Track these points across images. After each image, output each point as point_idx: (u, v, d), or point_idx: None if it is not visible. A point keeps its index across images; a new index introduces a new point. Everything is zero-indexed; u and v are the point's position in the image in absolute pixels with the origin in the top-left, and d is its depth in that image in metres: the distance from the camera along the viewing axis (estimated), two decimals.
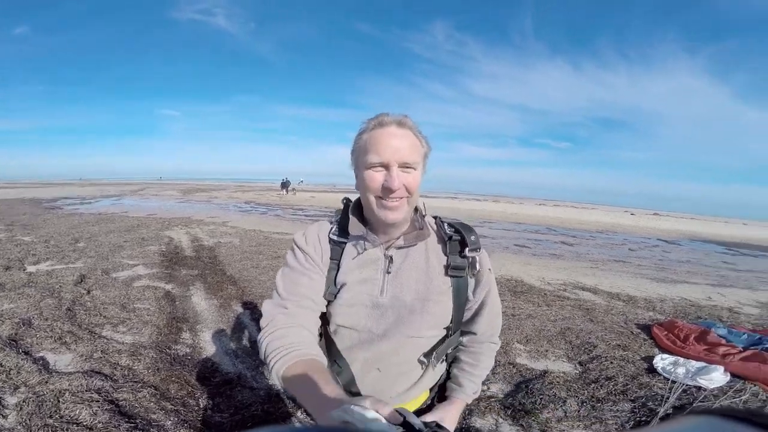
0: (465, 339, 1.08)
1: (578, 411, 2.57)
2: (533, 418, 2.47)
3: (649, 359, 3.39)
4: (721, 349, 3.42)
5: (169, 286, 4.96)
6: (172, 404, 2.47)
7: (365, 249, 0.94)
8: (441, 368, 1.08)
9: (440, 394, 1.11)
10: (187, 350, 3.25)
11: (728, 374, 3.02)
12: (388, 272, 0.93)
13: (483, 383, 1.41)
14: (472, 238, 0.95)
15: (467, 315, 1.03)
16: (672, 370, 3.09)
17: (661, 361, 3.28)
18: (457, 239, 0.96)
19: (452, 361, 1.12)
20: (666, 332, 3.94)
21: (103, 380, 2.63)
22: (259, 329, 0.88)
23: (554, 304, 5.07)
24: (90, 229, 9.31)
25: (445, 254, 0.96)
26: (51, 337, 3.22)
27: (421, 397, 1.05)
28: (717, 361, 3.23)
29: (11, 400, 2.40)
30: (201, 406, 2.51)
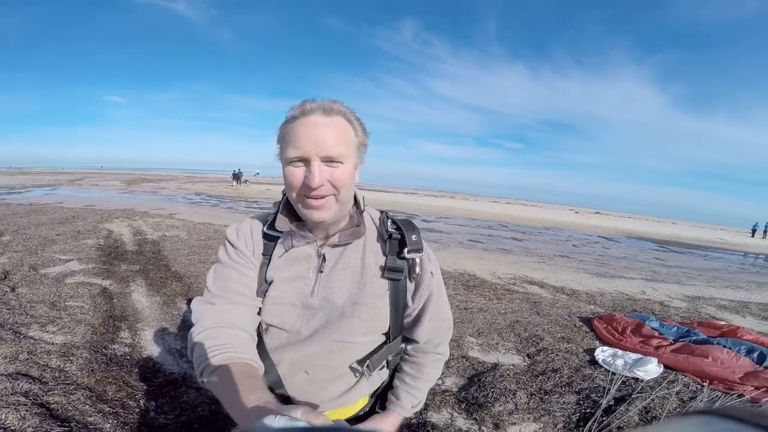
0: (409, 347, 1.01)
1: (528, 403, 2.65)
2: (486, 411, 2.52)
3: (590, 351, 3.57)
4: (655, 342, 3.67)
5: (106, 283, 4.62)
6: (110, 406, 2.30)
7: (293, 246, 0.87)
8: (382, 374, 1.01)
9: (383, 401, 1.05)
10: (126, 350, 3.03)
11: (662, 366, 3.23)
12: (321, 271, 0.87)
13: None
14: (413, 237, 0.88)
15: (407, 321, 0.96)
16: (612, 362, 3.28)
17: (602, 353, 3.46)
18: (397, 238, 0.88)
19: (395, 368, 1.05)
20: (605, 325, 4.17)
21: (30, 383, 2.40)
22: None
23: (504, 298, 5.24)
24: (18, 221, 8.48)
25: (384, 254, 0.89)
26: None
27: (359, 403, 0.99)
28: (651, 352, 3.46)
29: None
30: (143, 408, 2.35)
